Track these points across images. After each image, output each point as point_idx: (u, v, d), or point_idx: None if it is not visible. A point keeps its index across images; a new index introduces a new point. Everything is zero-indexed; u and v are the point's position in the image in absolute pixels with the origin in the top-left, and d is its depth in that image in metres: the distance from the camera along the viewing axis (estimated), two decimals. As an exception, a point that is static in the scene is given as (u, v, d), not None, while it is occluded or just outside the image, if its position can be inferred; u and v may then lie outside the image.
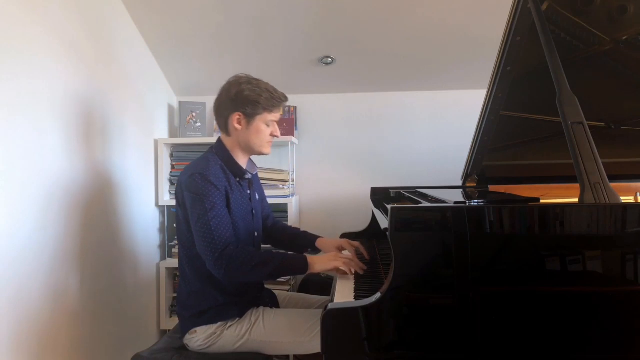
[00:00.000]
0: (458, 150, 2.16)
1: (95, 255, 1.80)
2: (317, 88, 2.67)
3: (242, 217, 1.51)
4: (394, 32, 2.19)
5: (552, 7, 1.40)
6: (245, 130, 1.48)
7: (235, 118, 1.47)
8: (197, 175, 1.39)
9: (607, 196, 1.06)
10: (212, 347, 1.45)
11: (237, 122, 1.47)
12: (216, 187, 1.40)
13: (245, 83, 1.46)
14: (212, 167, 1.44)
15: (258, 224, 1.63)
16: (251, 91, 1.44)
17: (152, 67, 2.38)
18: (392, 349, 1.03)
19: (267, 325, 1.46)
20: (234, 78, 1.49)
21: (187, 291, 1.51)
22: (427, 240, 1.03)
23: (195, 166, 1.45)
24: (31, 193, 1.45)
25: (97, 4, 1.83)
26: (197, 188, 1.38)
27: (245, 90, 1.44)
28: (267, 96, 1.45)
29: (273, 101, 1.47)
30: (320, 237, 1.75)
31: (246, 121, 1.47)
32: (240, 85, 1.45)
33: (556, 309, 1.00)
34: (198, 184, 1.38)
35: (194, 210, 1.39)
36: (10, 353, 1.35)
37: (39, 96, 1.49)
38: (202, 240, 1.37)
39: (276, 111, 1.50)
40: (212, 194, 1.39)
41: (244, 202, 1.54)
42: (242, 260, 1.36)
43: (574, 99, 1.17)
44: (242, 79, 1.48)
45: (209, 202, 1.37)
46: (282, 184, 2.43)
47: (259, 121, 1.47)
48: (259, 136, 1.49)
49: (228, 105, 1.47)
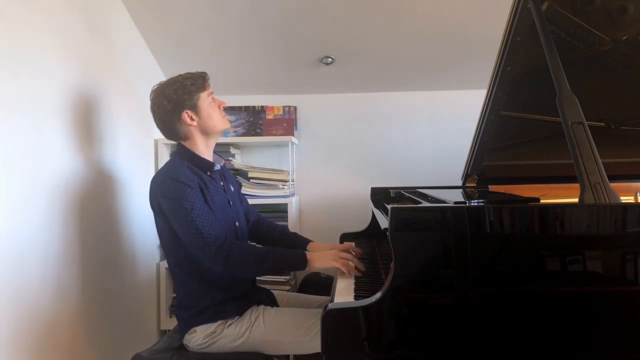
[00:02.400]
0: (458, 150, 2.16)
1: (95, 255, 1.80)
2: (317, 88, 2.67)
3: (221, 209, 1.51)
4: (394, 32, 2.19)
5: (552, 7, 1.40)
6: (199, 119, 1.50)
7: (184, 118, 1.48)
8: (168, 180, 1.41)
9: (607, 196, 1.06)
10: (212, 347, 1.45)
11: (189, 119, 1.49)
12: (190, 186, 1.41)
13: (165, 86, 1.49)
14: (180, 169, 1.45)
15: (237, 214, 1.63)
16: (176, 88, 1.47)
17: (152, 67, 2.38)
18: (392, 349, 1.03)
19: (267, 324, 1.46)
20: (152, 93, 1.52)
21: (183, 291, 1.52)
22: (427, 240, 1.03)
23: (163, 172, 1.46)
24: (31, 193, 1.45)
25: (97, 4, 1.83)
26: (171, 192, 1.39)
27: (170, 92, 1.47)
28: (189, 81, 1.48)
29: (196, 81, 1.49)
30: (313, 241, 1.71)
31: (194, 112, 1.49)
32: (164, 92, 1.48)
33: (556, 309, 1.00)
34: (171, 187, 1.39)
35: (176, 215, 1.39)
36: (10, 353, 1.35)
37: (39, 96, 1.49)
38: (193, 241, 1.37)
39: (206, 86, 1.52)
40: (188, 194, 1.39)
41: (219, 194, 1.54)
42: (240, 254, 1.37)
43: (574, 99, 1.17)
44: (159, 87, 1.51)
45: (187, 202, 1.38)
46: (282, 184, 2.43)
47: (201, 105, 1.49)
48: (212, 115, 1.51)
49: (170, 113, 1.49)
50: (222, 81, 2.58)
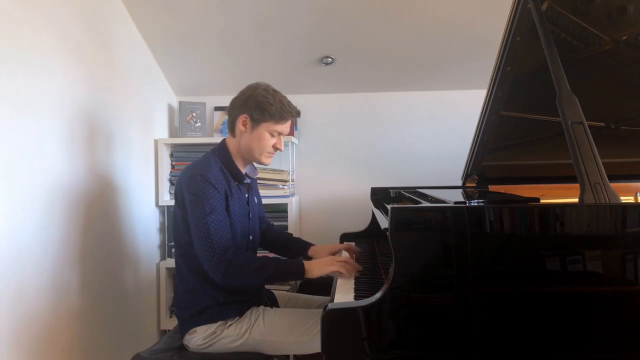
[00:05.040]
0: (458, 150, 2.16)
1: (95, 255, 1.80)
2: (317, 88, 2.67)
3: (239, 220, 1.51)
4: (394, 32, 2.19)
5: (552, 7, 1.40)
6: (248, 134, 1.49)
7: (241, 119, 1.49)
8: (197, 177, 1.40)
9: (607, 196, 1.06)
10: (212, 347, 1.45)
11: (242, 124, 1.49)
12: (216, 189, 1.41)
13: (261, 89, 1.48)
14: (213, 169, 1.44)
15: (254, 227, 1.63)
16: (264, 97, 1.46)
17: (152, 67, 2.38)
18: (392, 349, 1.03)
19: (267, 325, 1.46)
20: (254, 83, 1.52)
21: (183, 289, 1.51)
22: (427, 240, 1.03)
23: (195, 167, 1.45)
24: (32, 193, 1.45)
25: (97, 4, 1.83)
26: (197, 189, 1.39)
27: (258, 96, 1.46)
28: (277, 106, 1.46)
29: (282, 112, 1.47)
30: (313, 244, 1.75)
31: (251, 125, 1.48)
32: (255, 90, 1.48)
33: (556, 309, 1.00)
34: (198, 185, 1.39)
35: (194, 213, 1.39)
36: (10, 353, 1.35)
37: (39, 97, 1.49)
38: (201, 244, 1.38)
39: (283, 123, 1.50)
40: (212, 197, 1.39)
41: (242, 206, 1.54)
42: (240, 265, 1.37)
43: (574, 99, 1.17)
44: (261, 85, 1.50)
45: (208, 205, 1.38)
46: (282, 184, 2.43)
47: (263, 128, 1.48)
48: (260, 143, 1.49)
49: (239, 105, 1.49)
50: (222, 81, 2.58)
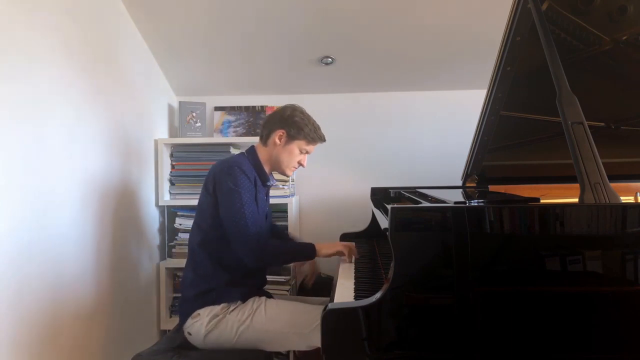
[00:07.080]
0: (458, 150, 2.16)
1: (95, 255, 1.80)
2: (317, 88, 2.67)
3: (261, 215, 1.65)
4: (394, 32, 2.19)
5: (552, 7, 1.40)
6: (281, 147, 1.68)
7: (278, 134, 1.66)
8: (237, 169, 1.55)
9: (607, 196, 1.06)
10: (213, 332, 1.49)
11: (278, 138, 1.67)
12: (251, 182, 1.58)
13: (299, 111, 1.69)
14: (247, 165, 1.61)
15: (268, 224, 1.79)
16: (301, 119, 1.67)
17: (152, 67, 2.38)
18: (392, 349, 1.03)
19: (268, 313, 1.53)
20: (292, 105, 1.73)
21: (193, 273, 1.60)
22: (427, 240, 1.03)
23: (233, 161, 1.59)
24: (31, 194, 1.45)
25: (98, 5, 1.83)
26: (237, 180, 1.53)
27: (296, 116, 1.67)
28: (311, 128, 1.68)
29: (314, 135, 1.70)
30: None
31: (286, 140, 1.67)
32: (294, 111, 1.68)
33: (556, 309, 1.00)
34: (238, 176, 1.54)
35: (232, 202, 1.52)
36: (10, 353, 1.35)
37: (38, 97, 1.49)
38: (238, 230, 1.51)
39: (312, 144, 1.72)
40: (249, 189, 1.55)
41: (263, 205, 1.68)
42: (270, 251, 1.58)
43: (574, 99, 1.17)
44: (298, 109, 1.71)
45: (245, 195, 1.53)
46: (282, 184, 2.43)
47: (295, 145, 1.68)
48: (290, 157, 1.69)
49: (277, 121, 1.68)
50: (223, 81, 2.58)
